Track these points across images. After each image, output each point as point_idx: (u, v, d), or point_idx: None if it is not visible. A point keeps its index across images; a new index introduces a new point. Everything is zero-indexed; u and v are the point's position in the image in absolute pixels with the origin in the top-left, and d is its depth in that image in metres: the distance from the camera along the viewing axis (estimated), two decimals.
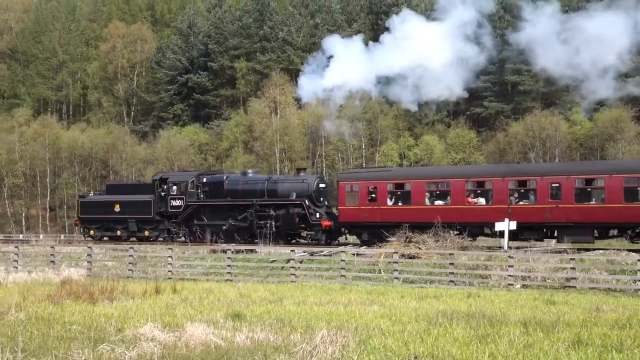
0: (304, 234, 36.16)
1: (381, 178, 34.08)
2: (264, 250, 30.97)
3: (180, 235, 39.47)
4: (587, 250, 27.75)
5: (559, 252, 26.59)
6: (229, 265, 27.54)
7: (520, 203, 30.54)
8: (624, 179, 28.08)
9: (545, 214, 29.19)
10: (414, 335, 12.87)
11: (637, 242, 29.41)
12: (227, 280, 26.68)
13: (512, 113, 64.06)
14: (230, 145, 68.07)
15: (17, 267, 30.31)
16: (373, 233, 33.29)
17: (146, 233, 40.73)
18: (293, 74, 71.29)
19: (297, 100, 67.46)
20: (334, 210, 35.79)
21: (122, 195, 42.70)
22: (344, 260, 25.84)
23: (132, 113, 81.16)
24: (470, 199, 31.81)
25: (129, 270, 28.65)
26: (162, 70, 77.04)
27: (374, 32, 70.91)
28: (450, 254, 24.88)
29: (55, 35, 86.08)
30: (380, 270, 26.02)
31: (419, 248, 27.43)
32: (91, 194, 50.87)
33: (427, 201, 32.44)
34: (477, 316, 15.55)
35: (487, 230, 31.44)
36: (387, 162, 59.60)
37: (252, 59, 71.98)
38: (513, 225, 27.76)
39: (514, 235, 29.62)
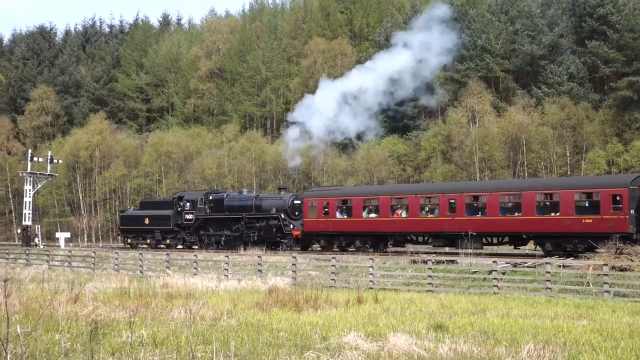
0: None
1: (332, 195, 41.10)
2: (465, 261, 30.61)
3: (195, 244, 47.99)
4: None
5: None
6: (429, 276, 27.46)
7: (429, 216, 36.65)
8: (499, 196, 34.08)
9: (445, 224, 35.19)
10: (628, 353, 12.16)
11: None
12: (428, 290, 26.59)
13: None
14: (428, 155, 67.81)
15: (227, 276, 31.93)
16: (327, 240, 40.79)
17: (167, 241, 49.72)
18: (491, 82, 69.87)
19: (497, 108, 66.01)
20: None
21: (150, 210, 51.79)
22: (549, 272, 24.94)
23: None
24: (397, 212, 37.67)
25: (332, 279, 29.27)
26: None
27: (577, 35, 68.03)
28: None
29: (259, 53, 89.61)
30: (588, 283, 24.85)
31: (632, 260, 25.94)
32: (130, 209, 59.44)
33: (364, 214, 39.22)
34: None
35: (409, 238, 38.30)
36: (593, 170, 56.87)
37: (449, 68, 71.34)
38: None
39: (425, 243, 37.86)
